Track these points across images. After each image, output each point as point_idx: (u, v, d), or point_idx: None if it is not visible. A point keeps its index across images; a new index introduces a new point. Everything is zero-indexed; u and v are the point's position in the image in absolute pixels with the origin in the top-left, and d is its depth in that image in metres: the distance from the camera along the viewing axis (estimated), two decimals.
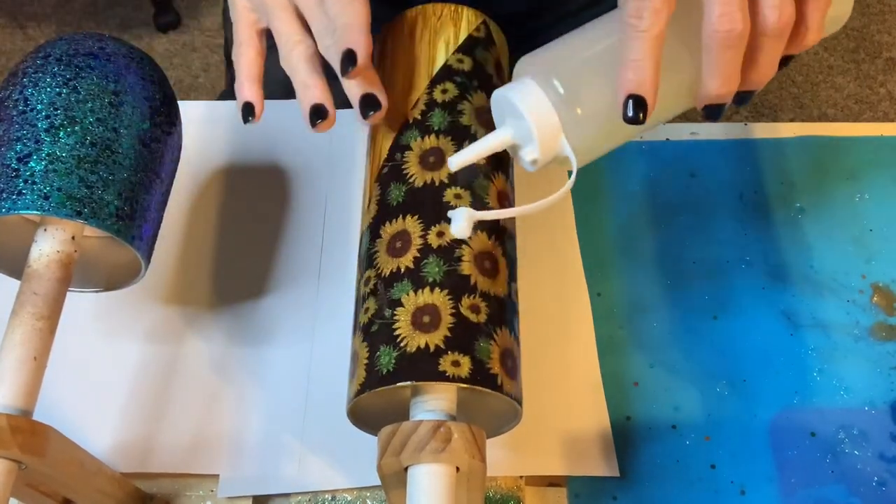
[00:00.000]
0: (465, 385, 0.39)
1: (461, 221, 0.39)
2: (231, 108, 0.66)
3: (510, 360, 0.41)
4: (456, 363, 0.39)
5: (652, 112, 0.36)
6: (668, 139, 0.65)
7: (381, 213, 0.45)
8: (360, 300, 0.43)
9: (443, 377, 0.39)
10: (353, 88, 0.43)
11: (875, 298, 0.57)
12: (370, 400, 0.41)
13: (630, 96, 0.36)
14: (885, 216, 0.61)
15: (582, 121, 0.39)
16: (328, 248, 0.59)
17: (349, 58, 0.41)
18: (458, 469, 0.39)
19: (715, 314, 0.57)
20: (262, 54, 0.46)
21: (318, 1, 0.42)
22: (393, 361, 0.39)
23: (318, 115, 0.43)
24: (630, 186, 0.62)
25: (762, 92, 1.75)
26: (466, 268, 0.42)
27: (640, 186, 0.62)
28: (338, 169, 0.62)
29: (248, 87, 0.46)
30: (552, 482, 0.51)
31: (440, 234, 0.42)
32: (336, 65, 0.42)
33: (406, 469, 0.39)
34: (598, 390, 0.53)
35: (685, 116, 0.70)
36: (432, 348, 0.39)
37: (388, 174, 0.46)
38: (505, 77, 0.50)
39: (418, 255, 0.42)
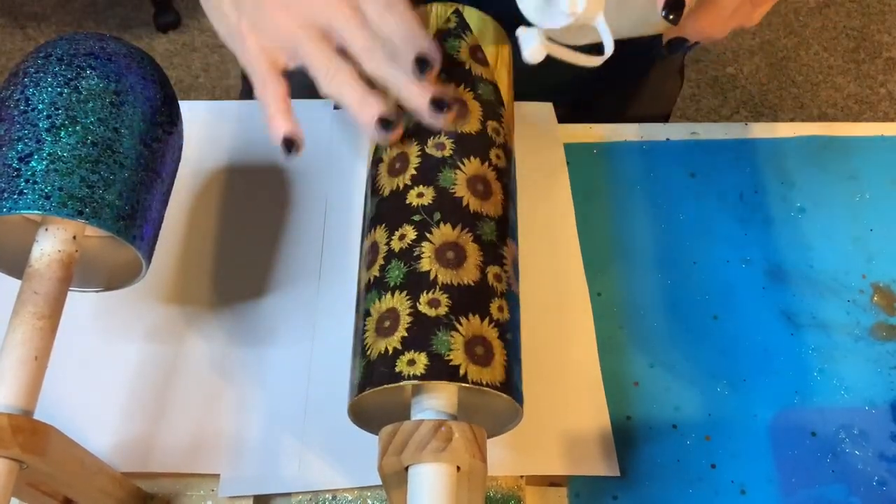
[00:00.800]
0: (418, 382, 0.39)
1: (532, 43, 0.39)
2: (231, 108, 0.66)
3: (481, 347, 0.40)
4: (411, 362, 0.39)
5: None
6: (668, 139, 0.65)
7: (363, 230, 0.46)
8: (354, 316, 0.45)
9: (398, 378, 0.39)
10: (423, 96, 0.43)
11: (875, 298, 0.57)
12: (370, 399, 0.41)
13: None
14: (885, 216, 0.61)
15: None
16: (328, 247, 0.59)
17: (423, 62, 0.42)
18: (458, 468, 0.39)
19: (715, 314, 0.57)
20: (289, 91, 0.46)
21: (360, 23, 0.43)
22: (360, 372, 0.40)
23: (385, 126, 0.43)
24: (630, 186, 0.62)
25: (762, 91, 1.75)
26: (426, 264, 0.41)
27: (640, 186, 0.62)
28: (338, 169, 0.62)
29: (283, 121, 0.45)
30: (553, 482, 0.51)
31: (402, 238, 0.42)
32: (406, 70, 0.42)
33: (407, 468, 0.39)
34: (599, 390, 0.53)
35: (685, 116, 0.71)
36: (390, 351, 0.39)
37: (367, 191, 0.47)
38: (485, 56, 0.49)
39: (383, 262, 0.42)
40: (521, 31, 0.40)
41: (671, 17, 0.39)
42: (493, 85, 0.48)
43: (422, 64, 0.42)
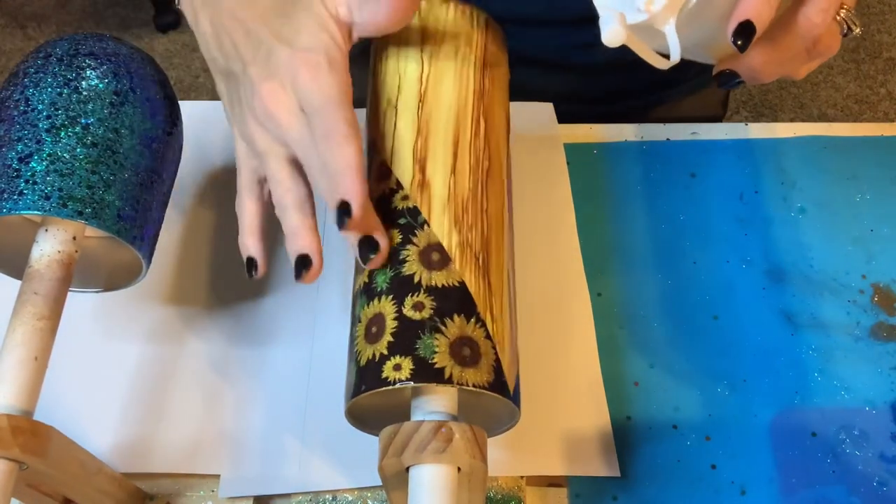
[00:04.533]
0: (404, 386, 0.39)
1: (613, 24, 0.38)
2: None
3: (468, 348, 0.40)
4: (397, 367, 0.39)
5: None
6: (668, 139, 0.65)
7: None
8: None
9: (385, 384, 0.39)
10: (351, 237, 0.42)
11: (875, 298, 0.57)
12: (369, 400, 0.41)
13: (747, 22, 0.39)
14: (885, 216, 0.61)
15: (693, 12, 0.40)
16: (328, 248, 0.58)
17: (344, 210, 0.40)
18: (459, 469, 0.39)
19: (715, 314, 0.57)
20: (264, 204, 0.46)
21: (311, 143, 0.42)
22: (354, 377, 0.41)
23: (303, 264, 0.43)
24: (630, 186, 0.62)
25: (762, 91, 1.75)
26: (410, 267, 0.42)
27: (640, 186, 0.62)
28: None
29: (250, 241, 0.45)
30: (553, 482, 0.51)
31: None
32: (333, 214, 0.41)
33: (407, 469, 0.39)
34: (599, 390, 0.53)
35: (685, 116, 0.71)
36: (377, 357, 0.39)
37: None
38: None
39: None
40: (603, 11, 0.39)
41: (739, 42, 0.39)
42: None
43: (343, 211, 0.41)
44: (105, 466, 0.45)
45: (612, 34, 0.38)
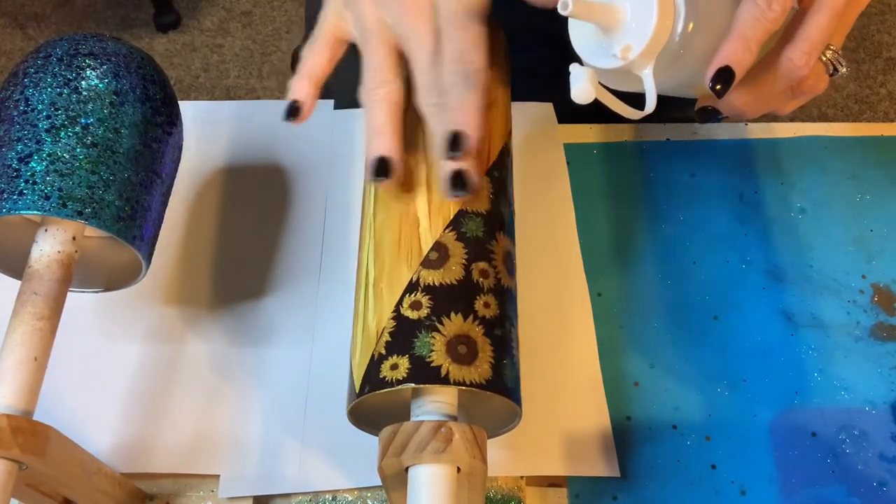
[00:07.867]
0: (403, 386, 0.39)
1: (582, 83, 0.38)
2: (231, 108, 0.66)
3: (464, 346, 0.39)
4: (394, 366, 0.39)
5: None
6: (668, 139, 0.65)
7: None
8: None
9: (383, 384, 0.39)
10: (447, 166, 0.40)
11: (875, 299, 0.57)
12: (370, 401, 0.41)
13: (726, 68, 0.38)
14: (886, 216, 0.61)
15: (683, 55, 0.40)
16: (328, 247, 0.59)
17: (457, 140, 0.39)
18: (458, 469, 0.39)
19: (715, 314, 0.57)
20: (333, 63, 0.44)
21: (433, 56, 0.39)
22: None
23: (382, 170, 0.41)
24: (630, 186, 0.62)
25: None
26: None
27: (640, 186, 0.62)
28: (338, 169, 0.62)
29: (303, 84, 0.43)
30: (553, 482, 0.51)
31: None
32: (439, 139, 0.39)
33: (407, 469, 0.39)
34: (599, 390, 0.53)
35: (685, 116, 0.71)
36: (376, 357, 0.39)
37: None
38: None
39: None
40: (574, 69, 0.39)
41: (718, 87, 0.39)
42: None
43: (455, 141, 0.39)
44: (105, 466, 0.45)
45: (580, 92, 0.39)
